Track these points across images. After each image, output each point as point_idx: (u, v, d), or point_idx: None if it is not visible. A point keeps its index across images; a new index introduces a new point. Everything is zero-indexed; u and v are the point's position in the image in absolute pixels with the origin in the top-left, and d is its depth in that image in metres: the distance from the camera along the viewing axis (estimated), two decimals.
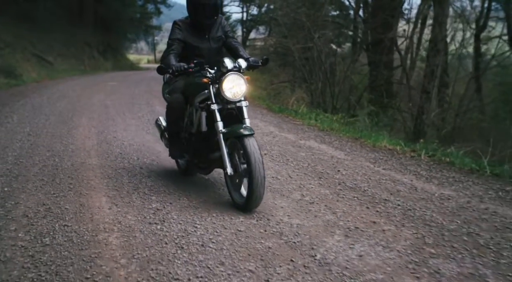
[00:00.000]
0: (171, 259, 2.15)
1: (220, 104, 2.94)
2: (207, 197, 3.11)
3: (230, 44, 3.40)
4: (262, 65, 3.17)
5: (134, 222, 2.59)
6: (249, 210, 2.80)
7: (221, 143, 2.86)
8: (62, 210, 2.77)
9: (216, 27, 3.33)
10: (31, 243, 2.30)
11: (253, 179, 2.65)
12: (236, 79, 2.89)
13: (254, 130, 2.86)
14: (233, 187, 2.94)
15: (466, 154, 4.58)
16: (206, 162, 3.21)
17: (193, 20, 3.23)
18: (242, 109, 2.97)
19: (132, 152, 4.38)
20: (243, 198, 2.84)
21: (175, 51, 3.17)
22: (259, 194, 2.71)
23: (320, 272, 2.04)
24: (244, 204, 2.80)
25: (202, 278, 1.96)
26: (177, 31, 3.22)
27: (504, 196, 3.15)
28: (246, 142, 2.73)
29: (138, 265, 2.08)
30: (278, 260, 2.15)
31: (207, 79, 2.95)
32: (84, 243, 2.30)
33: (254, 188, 2.66)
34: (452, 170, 3.86)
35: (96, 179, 3.46)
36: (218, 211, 2.81)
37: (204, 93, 3.06)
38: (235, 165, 2.88)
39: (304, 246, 2.31)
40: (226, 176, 2.94)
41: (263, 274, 2.02)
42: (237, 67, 2.95)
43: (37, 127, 5.52)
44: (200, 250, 2.24)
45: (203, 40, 3.28)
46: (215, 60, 3.17)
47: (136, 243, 2.32)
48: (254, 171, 2.65)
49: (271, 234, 2.47)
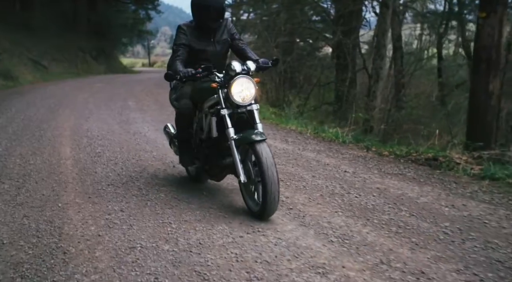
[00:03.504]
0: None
1: (230, 108, 3.00)
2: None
3: (237, 46, 3.49)
4: (272, 66, 3.26)
5: (69, 150, 4.72)
6: (265, 218, 2.88)
7: (233, 150, 2.93)
8: (42, 153, 4.91)
9: (222, 30, 3.43)
10: (22, 164, 4.43)
11: (267, 186, 2.73)
12: (245, 82, 2.95)
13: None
14: (247, 195, 3.03)
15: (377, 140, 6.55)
16: (217, 168, 3.31)
17: (198, 23, 3.35)
18: (253, 113, 3.04)
19: (96, 129, 6.50)
20: (258, 206, 2.90)
21: (181, 57, 3.26)
22: (274, 201, 2.78)
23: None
24: (259, 211, 2.89)
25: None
26: (182, 35, 3.32)
27: (337, 154, 5.24)
28: (258, 148, 2.80)
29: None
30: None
31: (216, 84, 3.02)
32: (53, 163, 4.43)
33: (268, 195, 2.73)
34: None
35: (67, 141, 5.59)
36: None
37: (213, 98, 3.14)
38: (248, 171, 2.95)
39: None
40: (240, 184, 3.02)
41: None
42: (246, 70, 3.02)
43: (30, 116, 7.68)
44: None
45: (209, 43, 3.37)
46: (221, 63, 3.33)
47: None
48: (267, 177, 2.72)
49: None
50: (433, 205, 3.29)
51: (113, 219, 2.98)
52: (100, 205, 3.25)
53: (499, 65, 4.79)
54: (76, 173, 4.15)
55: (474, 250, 2.50)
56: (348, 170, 4.34)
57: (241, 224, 2.87)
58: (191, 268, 2.28)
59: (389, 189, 3.69)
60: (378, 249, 2.49)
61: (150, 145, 5.40)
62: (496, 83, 4.70)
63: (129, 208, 3.19)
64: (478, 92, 4.92)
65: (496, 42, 4.64)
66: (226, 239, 2.64)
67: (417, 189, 3.71)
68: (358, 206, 3.26)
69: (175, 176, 4.10)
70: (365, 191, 3.65)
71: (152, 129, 6.49)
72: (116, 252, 2.47)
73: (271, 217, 2.92)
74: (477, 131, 5.03)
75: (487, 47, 4.69)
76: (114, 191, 3.59)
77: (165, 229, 2.80)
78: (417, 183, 3.91)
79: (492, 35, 4.60)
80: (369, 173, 4.23)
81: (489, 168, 4.06)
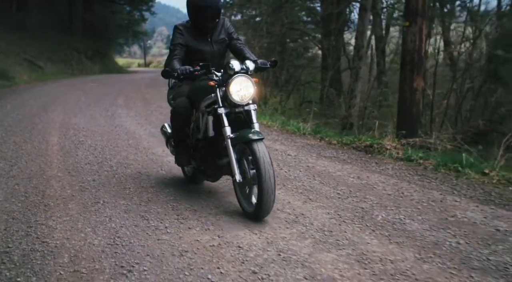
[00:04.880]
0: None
1: (228, 108, 3.05)
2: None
3: (234, 46, 3.55)
4: (270, 67, 3.33)
5: (56, 139, 5.64)
6: (260, 218, 2.92)
7: (229, 149, 2.97)
8: (33, 141, 5.83)
9: (219, 30, 3.50)
10: (15, 149, 5.35)
11: (263, 186, 2.76)
12: (243, 81, 2.99)
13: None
14: (242, 195, 3.06)
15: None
16: (214, 168, 3.36)
17: (194, 23, 3.42)
18: (250, 113, 3.08)
19: (82, 123, 7.42)
20: (252, 206, 2.94)
21: (179, 56, 3.32)
22: (269, 201, 2.82)
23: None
24: (254, 212, 2.92)
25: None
26: (179, 35, 3.40)
27: (291, 143, 6.15)
28: (255, 147, 2.83)
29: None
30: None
31: (214, 82, 3.05)
32: (41, 148, 5.35)
33: (264, 195, 2.77)
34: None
35: (55, 132, 6.51)
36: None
37: (210, 97, 3.18)
38: (244, 171, 2.99)
39: None
40: (235, 184, 3.05)
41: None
42: (245, 69, 3.05)
43: (24, 111, 8.61)
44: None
45: (206, 43, 3.44)
46: (219, 63, 3.38)
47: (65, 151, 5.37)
48: (264, 177, 2.76)
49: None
50: (344, 177, 4.19)
51: (85, 185, 3.89)
52: (76, 177, 4.17)
53: (421, 66, 5.71)
54: (60, 155, 5.07)
55: (350, 202, 3.42)
56: (291, 154, 5.24)
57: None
58: (138, 215, 3.18)
59: (316, 167, 4.60)
60: (279, 203, 3.39)
61: (128, 135, 6.31)
62: (420, 81, 5.61)
63: (99, 179, 4.10)
64: (405, 89, 5.84)
65: (417, 47, 5.56)
66: (168, 195, 3.55)
67: (339, 166, 4.62)
68: (282, 177, 4.16)
69: (143, 158, 5.01)
70: (295, 168, 4.56)
71: (133, 123, 7.42)
72: (83, 205, 3.38)
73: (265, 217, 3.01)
74: (405, 122, 5.95)
75: (411, 51, 5.61)
76: (90, 168, 4.50)
77: (124, 192, 3.71)
78: (344, 163, 4.82)
79: (414, 41, 5.52)
80: (308, 156, 5.14)
81: (408, 151, 4.97)
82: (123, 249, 2.59)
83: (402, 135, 5.46)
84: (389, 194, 3.66)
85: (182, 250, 2.58)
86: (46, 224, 2.99)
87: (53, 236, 2.80)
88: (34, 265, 2.42)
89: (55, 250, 2.60)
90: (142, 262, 2.43)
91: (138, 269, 2.36)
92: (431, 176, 4.23)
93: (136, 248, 2.61)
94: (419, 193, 3.66)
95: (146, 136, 6.22)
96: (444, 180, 4.07)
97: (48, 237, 2.78)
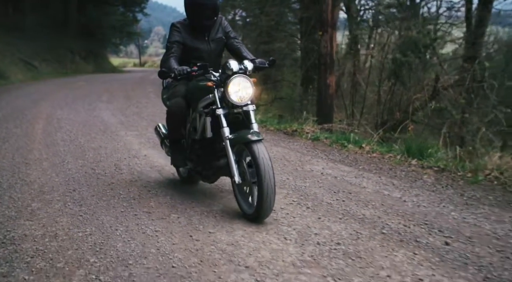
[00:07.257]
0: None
1: (226, 108, 3.08)
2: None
3: (232, 45, 3.62)
4: (269, 67, 3.36)
5: (41, 125, 7.27)
6: (261, 220, 2.95)
7: (228, 150, 3.00)
8: (22, 127, 7.45)
9: (216, 28, 3.57)
10: (7, 132, 6.97)
11: (263, 187, 2.79)
12: (242, 82, 3.03)
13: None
14: (241, 197, 3.10)
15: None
16: (211, 169, 3.39)
17: (191, 21, 3.48)
18: (249, 113, 3.12)
19: (66, 114, 9.04)
20: (252, 208, 2.97)
21: (175, 54, 3.38)
22: (269, 203, 2.85)
23: None
24: (254, 213, 2.95)
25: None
26: (176, 33, 3.46)
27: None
28: (255, 147, 2.86)
29: None
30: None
31: (212, 83, 3.09)
32: (28, 132, 6.96)
33: (264, 196, 2.80)
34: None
35: (41, 121, 8.14)
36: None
37: (208, 98, 3.21)
38: (243, 172, 3.01)
39: None
40: (234, 185, 3.09)
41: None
42: (243, 69, 3.09)
43: (17, 106, 10.27)
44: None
45: (203, 42, 3.51)
46: (216, 62, 3.45)
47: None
48: (264, 179, 2.79)
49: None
50: None
51: (57, 153, 5.52)
52: (52, 148, 5.79)
53: (333, 66, 7.31)
54: (42, 136, 6.70)
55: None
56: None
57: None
58: (90, 168, 4.77)
59: None
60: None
61: (102, 123, 7.92)
62: (332, 78, 7.21)
63: (70, 149, 5.73)
64: (321, 85, 7.44)
65: (329, 52, 7.17)
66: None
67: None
68: None
69: (107, 137, 6.59)
70: None
71: (109, 115, 9.03)
72: (53, 163, 5.01)
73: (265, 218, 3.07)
74: (322, 111, 7.53)
75: (324, 55, 7.22)
76: (63, 144, 6.12)
77: (84, 156, 5.34)
78: (266, 142, 6.37)
79: (326, 47, 7.11)
80: None
81: (317, 133, 6.54)
82: (73, 182, 4.21)
83: (320, 121, 7.02)
84: (281, 159, 5.20)
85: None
86: (25, 172, 4.63)
87: (29, 176, 4.44)
88: (16, 189, 4.03)
89: (29, 183, 4.22)
90: (81, 188, 4.03)
91: (79, 190, 3.96)
92: (322, 148, 5.81)
93: (83, 187, 4.21)
94: (297, 158, 5.24)
95: (115, 124, 7.83)
96: (327, 151, 5.66)
97: (26, 177, 4.43)
